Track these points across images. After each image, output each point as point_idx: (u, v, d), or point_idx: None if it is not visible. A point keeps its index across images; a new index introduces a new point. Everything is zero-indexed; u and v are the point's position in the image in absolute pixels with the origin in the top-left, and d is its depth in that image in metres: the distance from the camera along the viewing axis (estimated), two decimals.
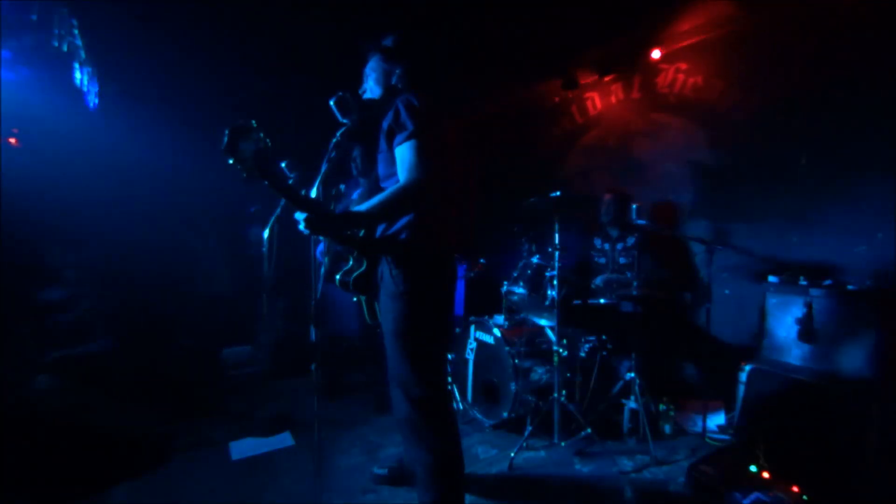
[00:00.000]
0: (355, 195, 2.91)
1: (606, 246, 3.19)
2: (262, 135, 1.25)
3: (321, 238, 1.78)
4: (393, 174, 1.54)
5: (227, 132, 1.20)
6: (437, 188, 1.48)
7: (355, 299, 1.77)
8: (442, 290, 1.61)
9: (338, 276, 1.65)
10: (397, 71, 1.67)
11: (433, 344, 1.57)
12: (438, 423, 1.54)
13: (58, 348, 2.48)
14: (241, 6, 2.93)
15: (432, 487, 1.51)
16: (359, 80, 1.78)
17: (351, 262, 1.67)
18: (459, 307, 3.67)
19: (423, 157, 1.42)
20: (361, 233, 1.62)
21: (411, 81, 1.65)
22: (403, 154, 1.45)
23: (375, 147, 1.65)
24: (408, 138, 1.44)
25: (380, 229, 1.61)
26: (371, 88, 1.72)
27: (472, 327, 2.88)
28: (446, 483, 1.52)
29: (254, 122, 1.24)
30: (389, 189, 1.46)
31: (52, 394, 2.29)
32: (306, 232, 1.46)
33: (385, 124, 1.55)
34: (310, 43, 3.29)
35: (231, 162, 1.22)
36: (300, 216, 1.44)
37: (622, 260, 3.08)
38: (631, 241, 3.05)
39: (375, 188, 1.67)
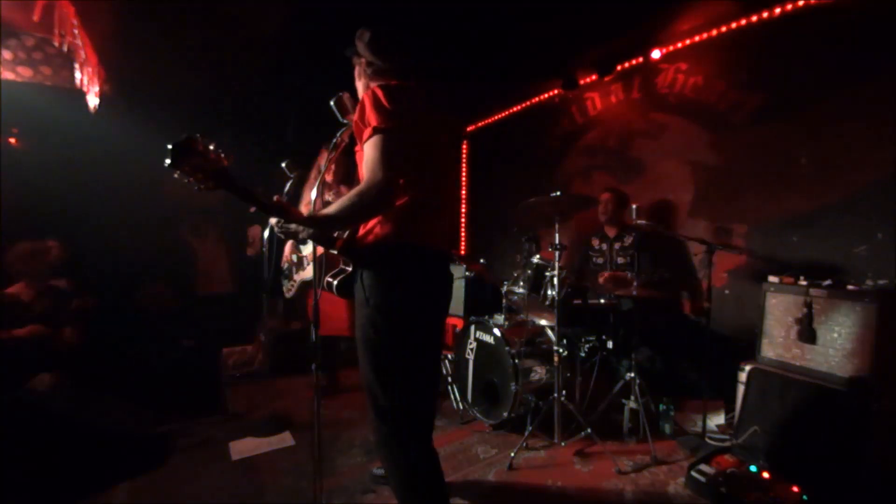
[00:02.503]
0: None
1: (604, 246, 3.19)
2: (210, 147, 1.20)
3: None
4: None
5: (167, 149, 1.15)
6: (409, 187, 1.38)
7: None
8: (417, 295, 1.44)
9: (327, 279, 1.63)
10: (364, 64, 1.58)
11: (402, 353, 1.43)
12: (404, 437, 1.42)
13: (56, 348, 2.48)
14: (241, 6, 2.93)
15: (403, 500, 1.44)
16: None
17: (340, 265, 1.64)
18: (459, 307, 3.68)
19: (385, 154, 1.31)
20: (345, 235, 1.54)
21: (376, 72, 1.55)
22: (367, 151, 1.34)
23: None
24: (371, 134, 1.33)
25: (360, 231, 1.51)
26: (358, 91, 1.65)
27: (472, 327, 2.88)
28: (413, 499, 1.42)
29: (198, 135, 1.18)
30: (352, 191, 1.35)
31: (52, 394, 2.29)
32: (280, 235, 1.41)
33: (353, 120, 1.45)
34: (311, 43, 3.29)
35: (177, 176, 1.18)
36: (276, 222, 1.39)
37: (619, 260, 3.09)
38: (628, 240, 3.05)
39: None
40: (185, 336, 3.18)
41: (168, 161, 1.15)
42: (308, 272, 3.10)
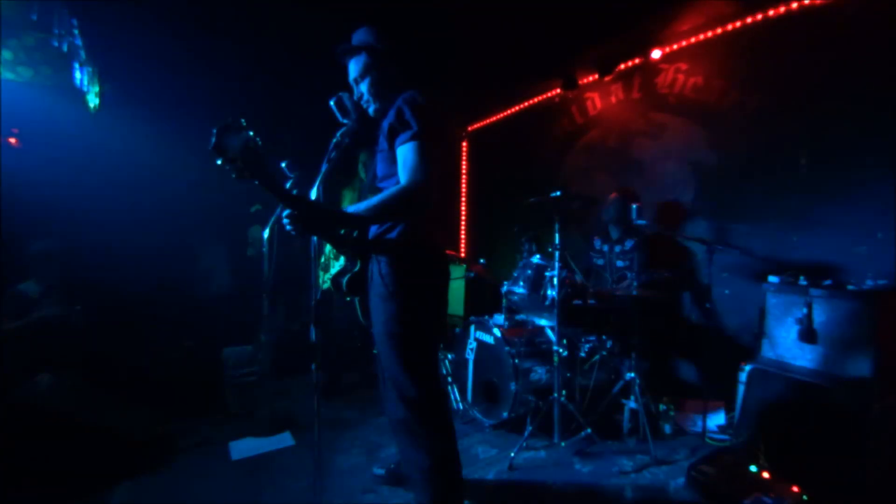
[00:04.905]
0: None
1: (605, 248, 3.18)
2: (251, 133, 1.20)
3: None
4: (392, 174, 1.52)
5: (214, 131, 1.15)
6: (437, 189, 1.46)
7: (348, 299, 1.76)
8: (433, 289, 1.58)
9: (329, 276, 1.65)
10: (392, 70, 1.62)
11: (426, 344, 1.54)
12: (433, 423, 1.52)
13: (56, 348, 2.48)
14: (241, 6, 2.94)
15: (428, 490, 1.50)
16: None
17: (343, 263, 1.66)
18: (459, 307, 3.68)
19: (425, 159, 1.39)
20: (354, 233, 1.61)
21: (409, 77, 1.61)
22: (406, 154, 1.42)
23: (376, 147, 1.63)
24: (411, 138, 1.41)
25: (372, 229, 1.59)
26: (371, 99, 1.64)
27: (472, 327, 2.88)
28: (443, 485, 1.50)
29: (243, 120, 1.19)
30: (389, 190, 1.43)
31: (53, 393, 2.29)
32: (292, 230, 1.39)
33: (386, 123, 1.52)
34: (310, 43, 3.29)
35: (220, 162, 1.17)
36: (287, 214, 1.38)
37: (619, 263, 3.07)
38: (629, 244, 3.03)
39: (372, 188, 1.66)
40: (186, 336, 3.18)
41: (212, 142, 1.15)
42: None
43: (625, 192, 3.12)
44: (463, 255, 5.08)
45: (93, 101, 3.01)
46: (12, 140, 3.16)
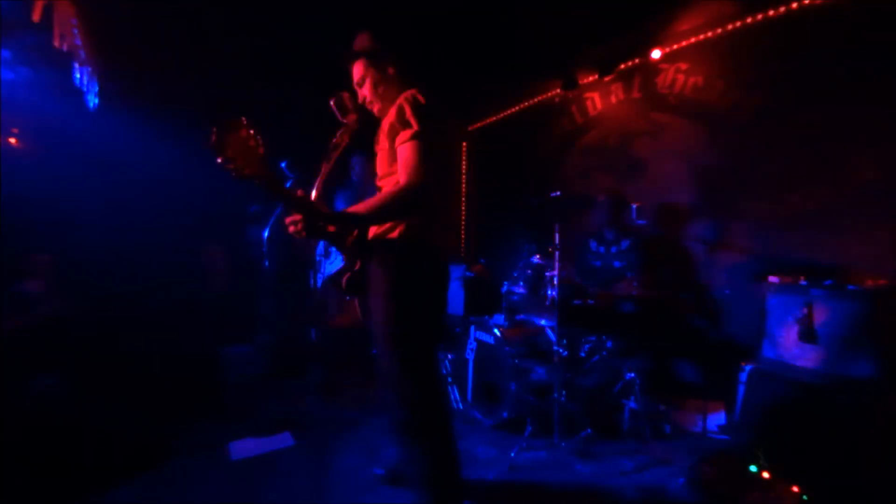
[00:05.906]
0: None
1: (601, 249, 3.18)
2: (252, 132, 1.18)
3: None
4: (392, 173, 1.52)
5: (214, 129, 1.13)
6: (436, 189, 1.46)
7: (348, 298, 1.76)
8: (432, 289, 1.58)
9: (330, 276, 1.65)
10: (391, 71, 1.64)
11: (425, 344, 1.54)
12: (433, 423, 1.52)
13: (56, 348, 2.48)
14: (241, 6, 2.94)
15: (429, 490, 1.50)
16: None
17: (344, 263, 1.66)
18: (459, 307, 3.68)
19: (425, 158, 1.40)
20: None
21: (407, 75, 1.63)
22: (406, 153, 1.42)
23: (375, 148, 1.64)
24: (411, 138, 1.41)
25: (371, 229, 1.60)
26: (373, 100, 1.67)
27: (472, 327, 2.88)
28: (443, 485, 1.50)
29: (244, 118, 1.18)
30: (388, 190, 1.44)
31: (52, 394, 2.29)
32: (293, 230, 1.42)
33: (387, 122, 1.53)
34: (310, 43, 3.30)
35: (219, 161, 1.15)
36: (290, 221, 1.40)
37: (617, 264, 3.07)
38: (625, 244, 3.03)
39: (371, 187, 1.67)
40: (186, 336, 3.18)
41: (213, 140, 1.12)
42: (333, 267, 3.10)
43: (613, 194, 3.15)
44: (463, 255, 5.08)
45: (93, 101, 3.01)
46: (12, 140, 3.16)
